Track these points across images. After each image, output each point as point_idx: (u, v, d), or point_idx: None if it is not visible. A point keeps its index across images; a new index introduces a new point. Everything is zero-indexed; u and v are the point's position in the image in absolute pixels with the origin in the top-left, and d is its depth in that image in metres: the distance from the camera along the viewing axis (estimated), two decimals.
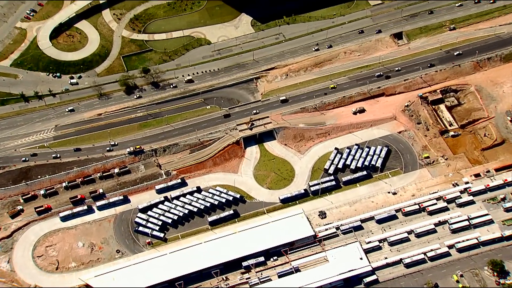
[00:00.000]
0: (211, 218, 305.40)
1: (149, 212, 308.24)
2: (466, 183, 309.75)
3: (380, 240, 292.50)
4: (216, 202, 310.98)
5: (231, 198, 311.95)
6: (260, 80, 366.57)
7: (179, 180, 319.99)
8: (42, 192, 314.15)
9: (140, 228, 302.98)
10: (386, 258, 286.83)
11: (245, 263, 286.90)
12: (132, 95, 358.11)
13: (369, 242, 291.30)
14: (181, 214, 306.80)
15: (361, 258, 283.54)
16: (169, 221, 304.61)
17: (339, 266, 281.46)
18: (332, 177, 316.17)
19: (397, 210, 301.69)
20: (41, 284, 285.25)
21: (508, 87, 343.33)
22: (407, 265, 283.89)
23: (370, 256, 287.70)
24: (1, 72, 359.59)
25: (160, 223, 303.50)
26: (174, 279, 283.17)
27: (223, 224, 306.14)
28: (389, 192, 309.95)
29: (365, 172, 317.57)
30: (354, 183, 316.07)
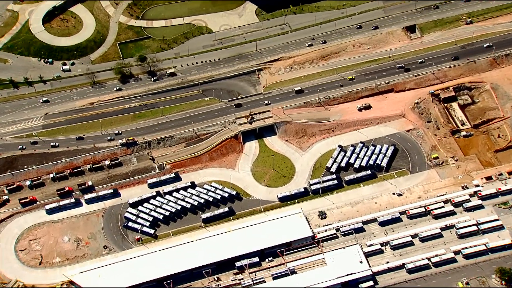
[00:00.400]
0: (205, 215, 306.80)
1: (140, 207, 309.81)
2: (477, 186, 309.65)
3: (382, 244, 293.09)
4: (211, 199, 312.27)
5: (227, 195, 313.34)
6: (263, 72, 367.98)
7: (173, 175, 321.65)
8: (28, 183, 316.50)
9: (130, 224, 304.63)
10: (388, 263, 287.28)
11: (239, 263, 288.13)
12: (127, 84, 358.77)
13: (371, 245, 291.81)
14: (173, 210, 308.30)
15: (361, 262, 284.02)
16: (161, 217, 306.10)
17: (337, 270, 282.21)
18: (334, 176, 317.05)
19: (402, 213, 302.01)
20: (23, 280, 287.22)
21: None
22: (410, 271, 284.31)
23: (371, 260, 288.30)
24: None
25: (151, 219, 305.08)
26: (163, 278, 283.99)
27: (217, 222, 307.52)
28: (394, 194, 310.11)
29: (369, 172, 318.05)
30: (357, 183, 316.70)
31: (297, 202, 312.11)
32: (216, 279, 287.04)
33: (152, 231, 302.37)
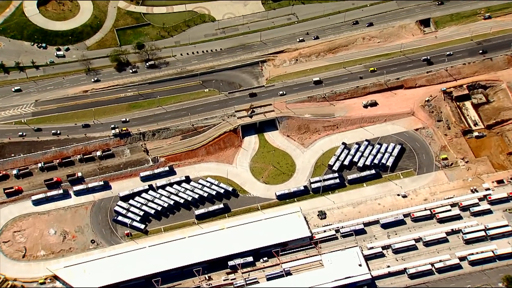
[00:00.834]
0: (199, 212, 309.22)
1: (131, 201, 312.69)
2: (487, 190, 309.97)
3: (384, 247, 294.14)
4: (206, 195, 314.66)
5: (222, 191, 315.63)
6: (267, 64, 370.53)
7: (167, 168, 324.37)
8: (15, 172, 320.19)
9: (120, 218, 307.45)
10: (389, 267, 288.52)
11: (232, 263, 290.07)
12: (124, 72, 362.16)
13: (371, 248, 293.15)
14: (166, 205, 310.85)
15: (360, 265, 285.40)
16: (152, 212, 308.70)
17: (335, 272, 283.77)
18: (337, 175, 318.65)
19: (406, 215, 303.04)
20: (5, 272, 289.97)
21: None
22: (412, 276, 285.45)
23: (371, 264, 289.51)
24: None
25: (142, 214, 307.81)
26: (151, 275, 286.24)
27: (212, 219, 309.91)
28: (399, 195, 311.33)
29: (374, 171, 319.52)
30: (361, 183, 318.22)
31: (296, 201, 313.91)
32: (207, 278, 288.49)
33: (143, 226, 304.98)
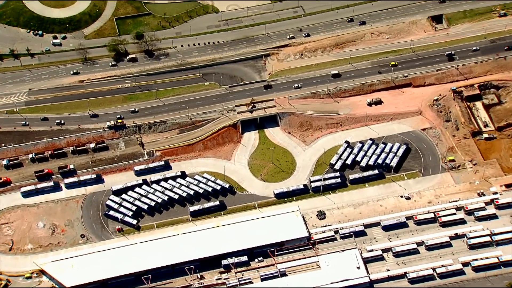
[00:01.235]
0: (193, 208, 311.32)
1: (124, 196, 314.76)
2: (494, 194, 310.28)
3: (384, 250, 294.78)
4: (201, 191, 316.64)
5: (219, 188, 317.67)
6: (270, 58, 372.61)
7: (162, 163, 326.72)
8: (4, 163, 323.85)
9: (111, 212, 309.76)
10: (389, 270, 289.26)
11: (225, 262, 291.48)
12: (122, 63, 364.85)
13: (371, 251, 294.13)
14: (160, 201, 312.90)
15: (358, 268, 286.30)
16: (145, 207, 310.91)
17: (332, 274, 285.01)
18: (338, 174, 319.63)
19: (409, 218, 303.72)
20: None
21: None
22: (412, 281, 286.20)
23: (370, 267, 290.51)
24: None
25: (134, 209, 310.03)
26: (141, 272, 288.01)
27: (207, 216, 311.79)
28: (402, 196, 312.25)
29: (377, 171, 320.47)
30: (363, 183, 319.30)
31: (295, 200, 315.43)
32: (199, 277, 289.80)
33: (135, 222, 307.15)
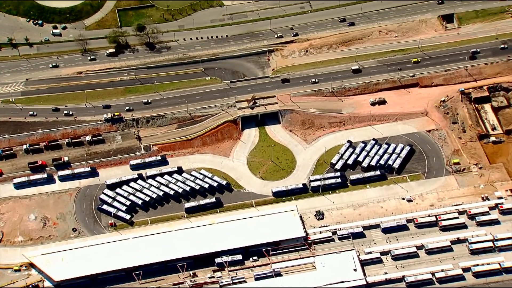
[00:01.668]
0: (188, 205, 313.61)
1: (118, 190, 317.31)
2: (499, 198, 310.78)
3: (383, 252, 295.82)
4: (198, 187, 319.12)
5: (216, 185, 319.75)
6: (274, 54, 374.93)
7: (159, 158, 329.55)
8: None
9: (104, 207, 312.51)
10: (386, 274, 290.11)
11: (219, 260, 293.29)
12: (122, 55, 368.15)
13: (369, 253, 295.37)
14: (155, 196, 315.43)
15: (355, 270, 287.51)
16: (139, 203, 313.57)
17: (327, 276, 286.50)
18: (339, 174, 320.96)
19: (409, 220, 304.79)
20: None
21: None
22: (410, 285, 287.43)
23: (368, 269, 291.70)
24: None
25: (128, 204, 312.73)
26: (132, 268, 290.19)
27: (202, 213, 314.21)
28: (404, 199, 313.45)
29: (379, 172, 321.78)
30: (364, 184, 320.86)
31: (294, 199, 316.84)
32: (192, 275, 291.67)
33: (128, 217, 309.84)
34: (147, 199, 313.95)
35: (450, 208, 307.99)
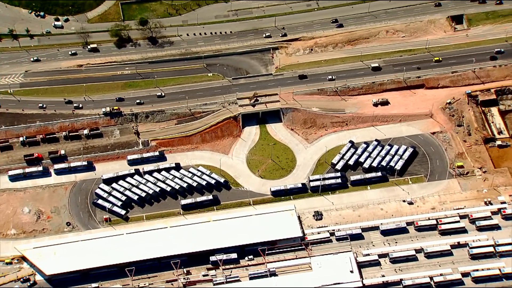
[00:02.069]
0: (185, 201, 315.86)
1: (114, 185, 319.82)
2: (502, 203, 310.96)
3: (381, 255, 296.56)
4: (195, 184, 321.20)
5: (213, 182, 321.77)
6: (279, 52, 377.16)
7: (157, 153, 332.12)
8: None
9: (100, 201, 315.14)
10: (384, 276, 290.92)
11: (213, 258, 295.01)
12: (124, 49, 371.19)
13: (367, 255, 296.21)
14: (151, 192, 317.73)
15: (352, 271, 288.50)
16: (135, 198, 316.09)
17: (323, 277, 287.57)
18: (339, 174, 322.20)
19: (409, 223, 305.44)
20: None
21: None
22: None
23: (365, 272, 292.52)
24: None
25: (124, 199, 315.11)
26: (125, 264, 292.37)
27: (199, 210, 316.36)
28: (404, 201, 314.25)
29: (380, 174, 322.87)
30: (365, 185, 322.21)
31: (292, 199, 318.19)
32: (185, 273, 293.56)
33: (123, 212, 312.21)
34: (143, 195, 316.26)
35: (452, 212, 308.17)
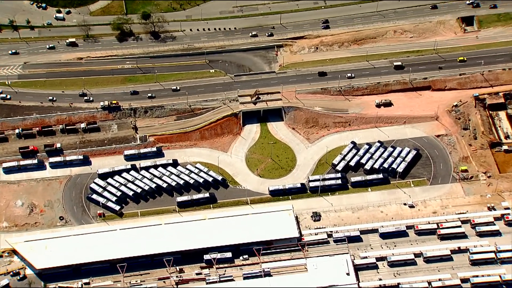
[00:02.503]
0: (181, 199, 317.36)
1: (109, 180, 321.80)
2: (506, 209, 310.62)
3: (379, 258, 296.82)
4: (192, 181, 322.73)
5: (211, 180, 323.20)
6: (283, 50, 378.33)
7: (155, 149, 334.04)
8: None
9: (94, 196, 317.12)
10: (381, 280, 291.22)
11: (207, 257, 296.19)
12: (125, 43, 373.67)
13: (365, 258, 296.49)
14: (147, 188, 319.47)
15: (348, 274, 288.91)
16: (130, 194, 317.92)
17: (318, 278, 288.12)
18: (339, 175, 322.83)
19: (409, 227, 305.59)
20: None
21: None
22: None
23: (362, 274, 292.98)
24: None
25: (119, 194, 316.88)
26: (117, 260, 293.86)
27: (195, 208, 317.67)
28: (405, 204, 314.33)
29: (382, 176, 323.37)
30: (365, 187, 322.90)
31: (291, 199, 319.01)
32: (178, 271, 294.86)
33: (118, 208, 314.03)
34: (139, 191, 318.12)
35: (453, 216, 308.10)
